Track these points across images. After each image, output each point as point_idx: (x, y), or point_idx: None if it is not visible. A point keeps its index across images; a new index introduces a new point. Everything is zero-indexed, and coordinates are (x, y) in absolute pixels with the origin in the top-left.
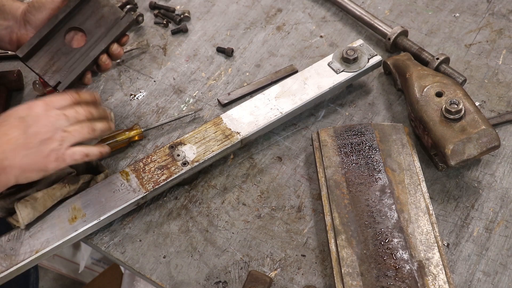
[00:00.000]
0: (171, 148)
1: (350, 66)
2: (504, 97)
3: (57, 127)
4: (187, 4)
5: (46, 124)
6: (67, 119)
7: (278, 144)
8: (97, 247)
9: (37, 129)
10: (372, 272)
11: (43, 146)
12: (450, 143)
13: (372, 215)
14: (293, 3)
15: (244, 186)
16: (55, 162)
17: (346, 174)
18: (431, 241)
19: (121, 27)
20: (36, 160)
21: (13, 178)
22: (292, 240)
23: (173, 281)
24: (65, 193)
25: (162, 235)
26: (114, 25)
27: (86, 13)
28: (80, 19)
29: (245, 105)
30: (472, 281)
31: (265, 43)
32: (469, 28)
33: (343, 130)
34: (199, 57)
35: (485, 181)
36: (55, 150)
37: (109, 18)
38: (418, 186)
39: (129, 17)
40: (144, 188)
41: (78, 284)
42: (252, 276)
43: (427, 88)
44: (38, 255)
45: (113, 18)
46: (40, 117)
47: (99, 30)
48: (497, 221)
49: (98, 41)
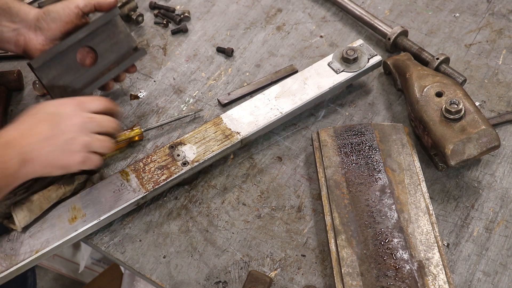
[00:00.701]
0: (171, 148)
1: (350, 66)
2: (504, 97)
3: (84, 129)
4: (187, 4)
5: (75, 124)
6: (95, 125)
7: (278, 144)
8: (97, 247)
9: (65, 127)
10: (372, 272)
11: (68, 145)
12: (450, 143)
13: (372, 215)
14: (293, 3)
15: (244, 186)
16: (77, 163)
17: (346, 174)
18: (431, 241)
19: (133, 60)
20: (60, 157)
21: (36, 171)
22: (292, 240)
23: (173, 281)
24: (60, 194)
25: (162, 235)
26: (126, 53)
27: (102, 35)
28: (95, 39)
29: (245, 105)
30: (472, 281)
31: (265, 43)
32: (469, 28)
33: (343, 130)
34: (199, 57)
35: (485, 181)
36: (78, 152)
37: (122, 45)
38: (418, 186)
39: (142, 52)
40: (144, 188)
41: (78, 284)
42: (252, 276)
43: (427, 88)
44: (38, 255)
45: (127, 46)
46: (70, 116)
47: (111, 55)
48: (497, 221)
49: (108, 66)
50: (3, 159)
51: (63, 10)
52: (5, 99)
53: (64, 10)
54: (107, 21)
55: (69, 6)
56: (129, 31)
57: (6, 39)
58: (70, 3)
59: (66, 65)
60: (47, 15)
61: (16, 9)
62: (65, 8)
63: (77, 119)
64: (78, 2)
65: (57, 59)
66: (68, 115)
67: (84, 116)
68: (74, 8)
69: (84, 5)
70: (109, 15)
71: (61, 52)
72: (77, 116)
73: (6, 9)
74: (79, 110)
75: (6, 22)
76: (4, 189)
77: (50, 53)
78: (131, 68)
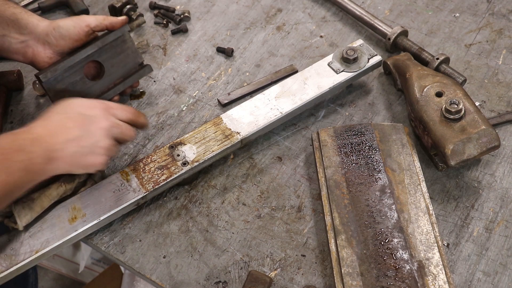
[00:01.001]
0: (171, 148)
1: (350, 66)
2: (504, 97)
3: (109, 134)
4: (187, 4)
5: (102, 128)
6: (119, 132)
7: (278, 144)
8: (97, 247)
9: (94, 130)
10: (372, 272)
11: (94, 147)
12: (450, 143)
13: (372, 215)
14: (293, 3)
15: (244, 186)
16: (98, 165)
17: (346, 174)
18: (431, 241)
19: (140, 76)
20: (84, 158)
21: (59, 169)
22: (292, 240)
23: (173, 281)
24: (61, 192)
25: (162, 235)
26: (132, 69)
27: (110, 51)
28: (103, 55)
29: (245, 105)
30: (472, 281)
31: (265, 43)
32: (469, 28)
33: (343, 130)
34: (199, 57)
35: (485, 181)
36: (102, 155)
37: (129, 61)
38: (418, 186)
39: (149, 69)
40: (144, 188)
41: (78, 284)
42: (252, 276)
43: (427, 88)
44: (38, 255)
45: (133, 62)
46: (99, 120)
47: (117, 70)
48: (497, 221)
49: (114, 81)
50: (30, 155)
51: (73, 27)
52: (5, 99)
53: (74, 28)
54: (117, 38)
55: (80, 24)
56: (136, 47)
57: (14, 50)
58: (81, 21)
59: (74, 79)
60: (56, 30)
61: (24, 21)
62: (76, 26)
63: (105, 123)
64: (89, 21)
65: (65, 73)
66: (98, 118)
67: (112, 121)
68: (85, 27)
69: (96, 25)
70: (119, 31)
71: (70, 66)
72: (105, 120)
73: (15, 20)
74: (107, 114)
75: (14, 34)
76: (27, 185)
77: (59, 67)
78: (136, 83)
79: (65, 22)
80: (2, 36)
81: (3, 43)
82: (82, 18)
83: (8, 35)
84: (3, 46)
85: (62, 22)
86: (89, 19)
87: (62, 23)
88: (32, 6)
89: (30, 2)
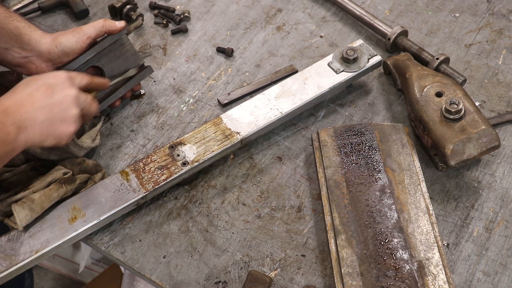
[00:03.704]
0: (171, 148)
1: (350, 66)
2: (504, 97)
3: (77, 103)
4: (187, 4)
5: (70, 96)
6: (85, 102)
7: (278, 144)
8: (97, 247)
9: (62, 98)
10: (372, 272)
11: (63, 115)
12: (450, 143)
13: (372, 215)
14: (293, 3)
15: (244, 186)
16: (69, 135)
17: (346, 174)
18: (431, 241)
19: (141, 78)
20: (54, 126)
21: (32, 139)
22: (292, 240)
23: (173, 281)
24: (62, 193)
25: (162, 235)
26: (133, 73)
27: (109, 55)
28: (103, 59)
29: (245, 105)
30: (472, 281)
31: (265, 43)
32: (469, 28)
33: (343, 130)
34: (199, 57)
35: (485, 181)
36: (73, 123)
37: (129, 63)
38: (418, 186)
39: (149, 70)
40: (144, 188)
41: (78, 284)
42: (252, 276)
43: (427, 88)
44: (38, 255)
45: (133, 64)
46: (66, 89)
47: (117, 73)
48: (497, 221)
49: (115, 85)
50: (1, 126)
51: (76, 43)
52: None
53: (77, 43)
54: (114, 41)
55: (82, 38)
56: (135, 49)
57: (17, 63)
58: (82, 35)
59: None
60: (59, 48)
61: (27, 36)
62: (79, 41)
63: (72, 91)
64: (89, 33)
65: None
66: (64, 87)
67: (77, 90)
68: (87, 40)
69: (96, 34)
70: (116, 35)
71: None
72: (72, 88)
73: (18, 35)
74: (73, 83)
75: (16, 49)
76: (5, 157)
77: None
78: (137, 86)
79: (67, 38)
80: (5, 50)
81: (6, 56)
82: (83, 31)
83: (11, 49)
84: (6, 59)
85: (64, 38)
86: (89, 31)
87: (64, 39)
88: (32, 6)
89: (30, 2)
